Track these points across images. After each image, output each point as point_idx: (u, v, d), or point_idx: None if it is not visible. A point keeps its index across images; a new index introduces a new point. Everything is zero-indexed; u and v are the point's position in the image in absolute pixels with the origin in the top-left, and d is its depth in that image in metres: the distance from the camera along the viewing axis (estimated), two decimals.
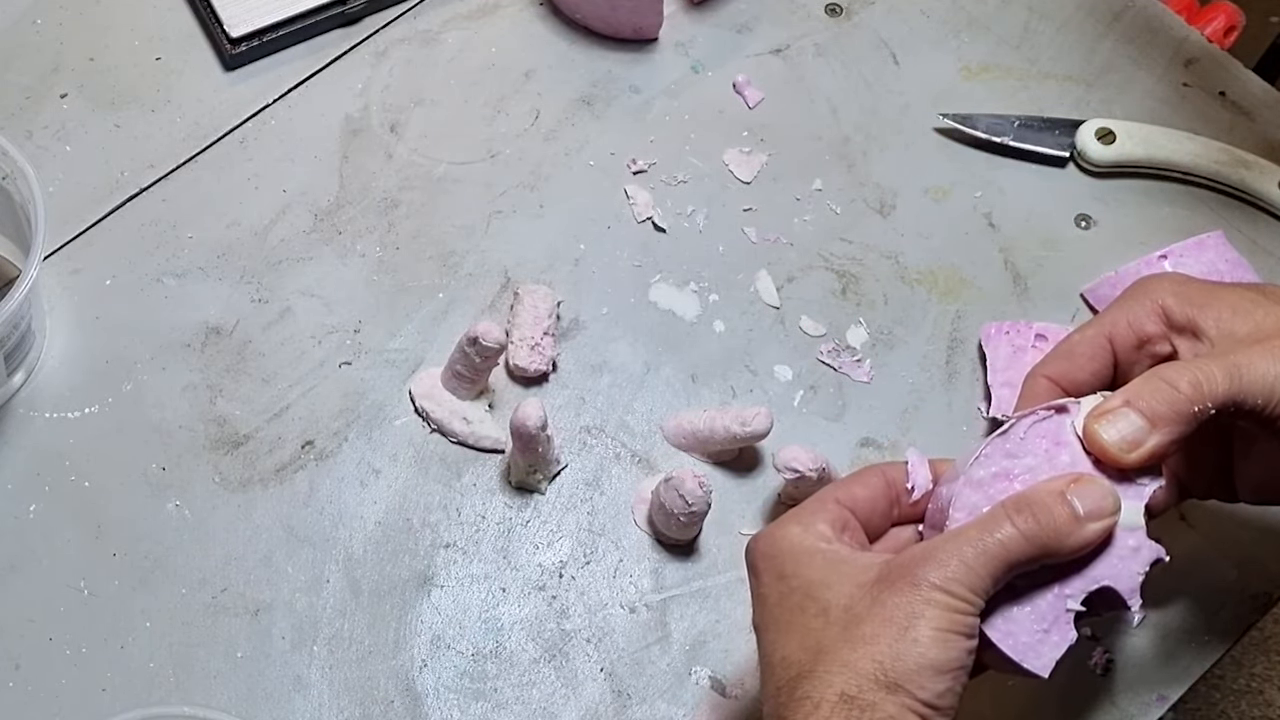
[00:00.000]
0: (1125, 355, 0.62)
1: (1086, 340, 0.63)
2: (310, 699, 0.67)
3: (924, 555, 0.53)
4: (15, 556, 0.70)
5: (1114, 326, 0.62)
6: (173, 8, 0.87)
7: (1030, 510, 0.54)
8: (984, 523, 0.54)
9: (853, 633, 0.52)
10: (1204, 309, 0.60)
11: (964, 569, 0.52)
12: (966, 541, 0.53)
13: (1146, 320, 0.62)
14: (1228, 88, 0.89)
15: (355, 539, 0.71)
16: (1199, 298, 0.61)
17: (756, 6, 0.90)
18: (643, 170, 0.83)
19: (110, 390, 0.75)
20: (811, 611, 0.54)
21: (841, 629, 0.53)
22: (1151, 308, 0.61)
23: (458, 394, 0.74)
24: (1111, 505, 0.55)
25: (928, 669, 0.51)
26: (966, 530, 0.54)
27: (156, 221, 0.80)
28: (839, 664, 0.52)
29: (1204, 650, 0.71)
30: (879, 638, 0.52)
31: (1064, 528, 0.54)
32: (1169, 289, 0.62)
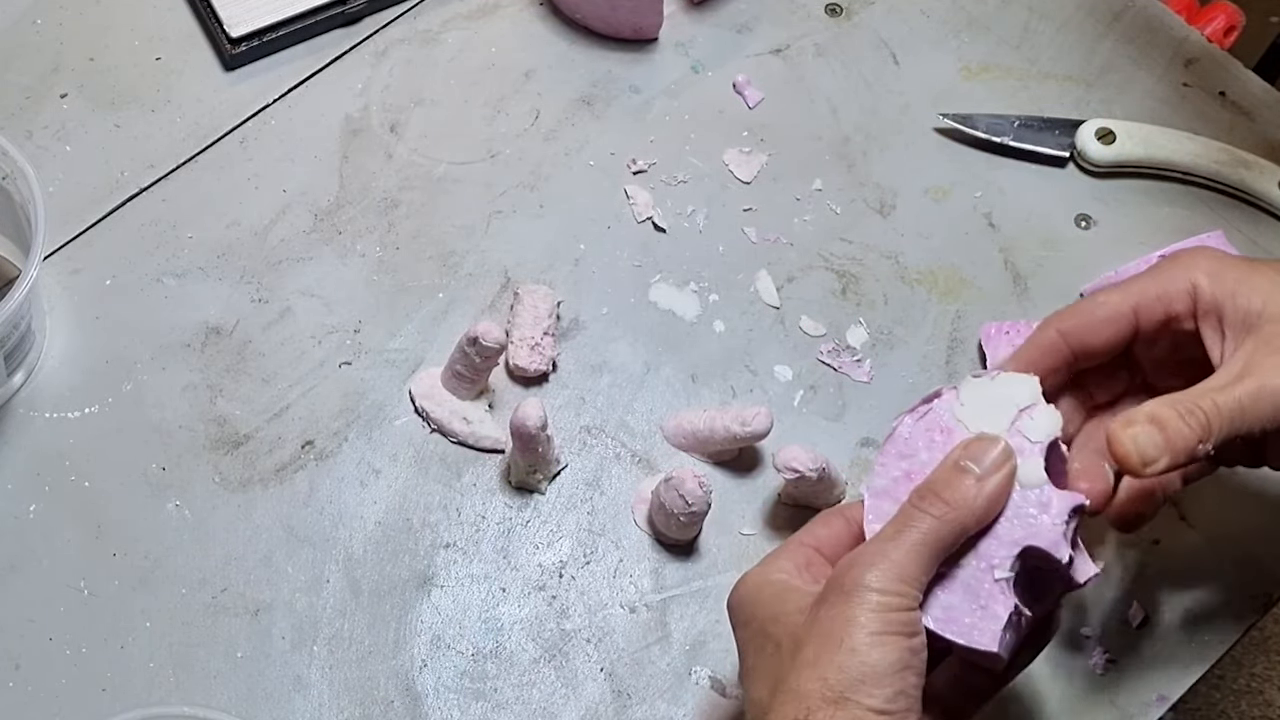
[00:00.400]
0: (1148, 329, 0.61)
1: (1110, 305, 0.61)
2: (310, 699, 0.67)
3: (849, 563, 0.53)
4: (15, 556, 0.70)
5: (1142, 297, 0.61)
6: (173, 8, 0.87)
7: (934, 493, 0.54)
8: (899, 519, 0.54)
9: (798, 658, 0.52)
10: (1234, 295, 0.59)
11: (890, 565, 0.52)
12: (887, 540, 0.53)
13: (1176, 298, 0.60)
14: (1228, 88, 0.89)
15: (355, 539, 0.71)
16: (1232, 280, 0.59)
17: (756, 6, 0.90)
18: (643, 170, 0.83)
19: (110, 390, 0.75)
20: (768, 650, 0.54)
21: (790, 657, 0.52)
22: (1184, 285, 0.60)
23: (458, 394, 0.74)
24: (1003, 454, 0.55)
25: (870, 676, 0.50)
26: (884, 531, 0.54)
27: (156, 221, 0.80)
28: (789, 693, 0.51)
29: (1204, 650, 0.71)
30: (820, 656, 0.51)
31: (969, 494, 0.54)
32: (1204, 266, 0.60)
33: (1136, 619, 0.72)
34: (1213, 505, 0.75)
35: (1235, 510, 0.75)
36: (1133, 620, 0.71)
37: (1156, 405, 0.56)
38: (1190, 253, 0.62)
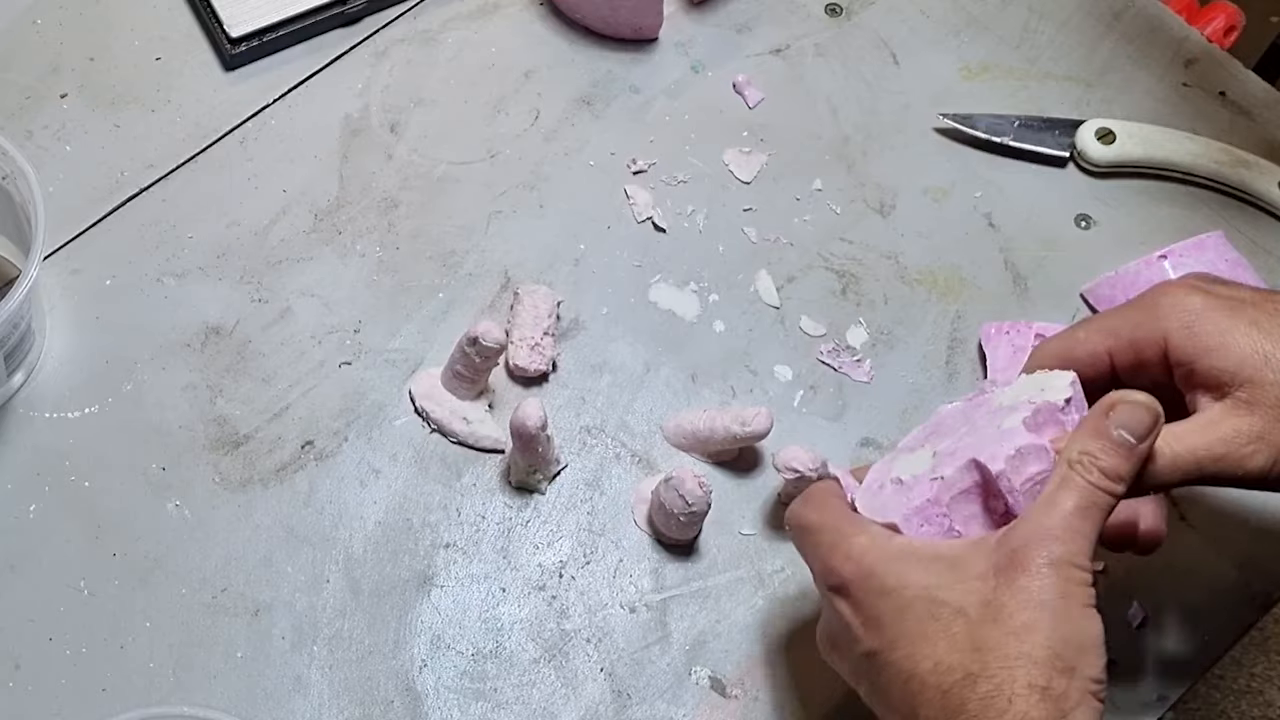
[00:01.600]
0: (1124, 370, 0.62)
1: (1084, 345, 0.62)
2: (310, 699, 0.67)
3: (1039, 534, 0.53)
4: (15, 556, 0.70)
5: (1116, 342, 0.61)
6: (173, 8, 0.87)
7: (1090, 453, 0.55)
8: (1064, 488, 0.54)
9: (1008, 625, 0.52)
10: (1207, 353, 0.58)
11: (1081, 540, 0.53)
12: (1068, 511, 0.54)
13: (1148, 346, 0.60)
14: (1228, 88, 0.89)
15: (355, 539, 0.71)
16: (1204, 336, 0.59)
17: (756, 6, 0.90)
18: (643, 170, 0.83)
19: (110, 390, 0.75)
20: (946, 615, 0.53)
21: (994, 624, 0.52)
22: (1158, 335, 0.60)
23: (458, 394, 0.74)
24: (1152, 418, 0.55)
25: (1090, 647, 0.52)
26: (1057, 499, 0.54)
27: (156, 221, 0.80)
28: (1012, 657, 0.51)
29: (1204, 650, 0.71)
30: (1039, 624, 0.52)
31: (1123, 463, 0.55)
32: (1178, 318, 0.59)
33: (1136, 619, 0.72)
34: (1213, 505, 0.75)
35: (1235, 510, 0.75)
36: (1133, 620, 0.72)
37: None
38: (1170, 296, 0.61)
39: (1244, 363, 0.58)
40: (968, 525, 0.57)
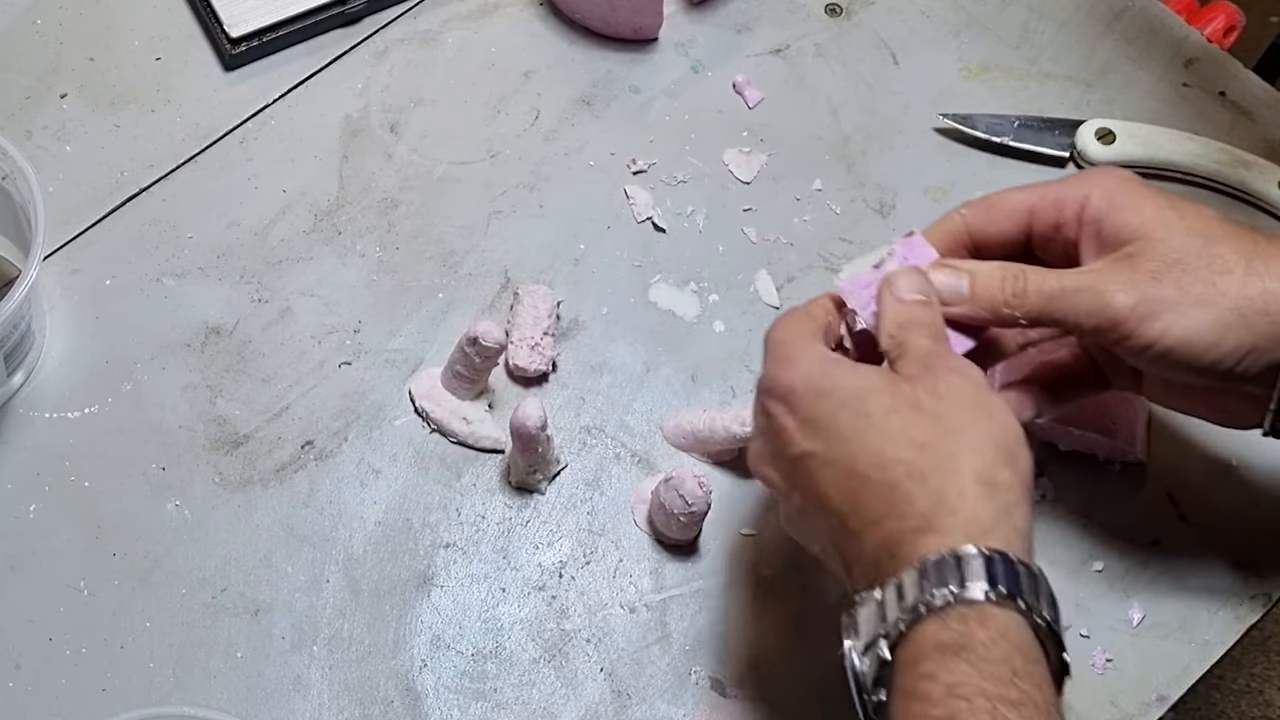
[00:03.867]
0: (1040, 230, 0.63)
1: (1009, 202, 0.64)
2: (310, 699, 0.67)
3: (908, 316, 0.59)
4: (15, 556, 0.70)
5: (1041, 199, 0.63)
6: (173, 8, 0.87)
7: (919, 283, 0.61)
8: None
9: (946, 425, 0.54)
10: (1117, 210, 0.61)
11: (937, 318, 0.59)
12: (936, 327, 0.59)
13: (1069, 205, 0.62)
14: (1228, 88, 0.89)
15: (355, 539, 0.71)
16: (1122, 197, 0.61)
17: (756, 6, 0.90)
18: (643, 170, 0.83)
19: (110, 390, 0.75)
20: (879, 414, 0.55)
21: (935, 426, 0.54)
22: (1080, 194, 0.62)
23: (458, 394, 0.74)
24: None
25: (1021, 440, 0.55)
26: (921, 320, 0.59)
27: (156, 221, 0.80)
28: (957, 454, 0.53)
29: (1204, 650, 0.71)
30: (975, 423, 0.54)
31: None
32: (1104, 183, 0.62)
33: (1136, 619, 0.72)
34: (1213, 505, 0.75)
35: (1235, 510, 0.75)
36: (1133, 620, 0.72)
37: (985, 264, 0.62)
38: (1102, 170, 0.64)
39: (1146, 223, 0.60)
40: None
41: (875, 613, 0.52)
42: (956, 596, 0.50)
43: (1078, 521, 0.74)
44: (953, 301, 0.61)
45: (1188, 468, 0.76)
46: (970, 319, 0.61)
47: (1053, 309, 0.60)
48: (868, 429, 0.55)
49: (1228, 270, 0.59)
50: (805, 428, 0.57)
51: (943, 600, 0.50)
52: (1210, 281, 0.59)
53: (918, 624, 0.51)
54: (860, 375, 0.57)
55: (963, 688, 0.49)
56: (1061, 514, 0.74)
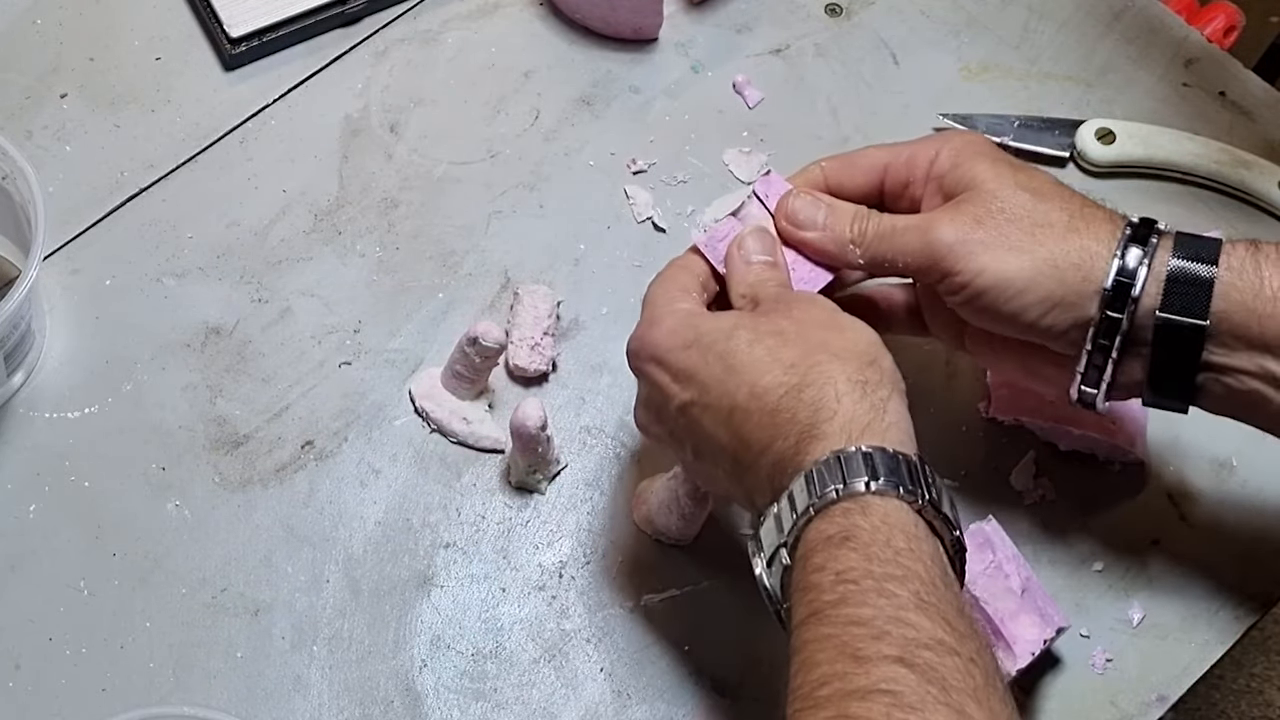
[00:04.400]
0: (892, 186, 0.67)
1: (868, 158, 0.68)
2: (310, 699, 0.67)
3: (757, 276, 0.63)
4: (15, 556, 0.70)
5: (895, 157, 0.67)
6: (173, 8, 0.87)
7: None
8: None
9: (808, 342, 0.58)
10: (958, 166, 0.65)
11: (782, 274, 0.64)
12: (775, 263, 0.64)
13: (919, 164, 0.66)
14: (1228, 88, 0.89)
15: (355, 539, 0.71)
16: (967, 156, 0.65)
17: (756, 6, 0.90)
18: (643, 170, 0.83)
19: (110, 390, 0.75)
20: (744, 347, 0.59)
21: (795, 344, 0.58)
22: (929, 153, 0.66)
23: (458, 394, 0.74)
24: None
25: (877, 341, 0.59)
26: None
27: (156, 221, 0.80)
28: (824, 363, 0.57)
29: (1204, 650, 0.71)
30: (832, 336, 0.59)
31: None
32: (955, 143, 0.66)
33: (1136, 619, 0.72)
34: (1213, 505, 0.75)
35: (1235, 510, 0.75)
36: (1133, 620, 0.72)
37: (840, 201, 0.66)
38: (955, 132, 0.68)
39: (980, 175, 0.64)
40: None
41: (773, 526, 0.55)
42: (840, 493, 0.53)
43: (1078, 521, 0.74)
44: (807, 226, 0.65)
45: (1188, 468, 0.76)
46: (818, 250, 0.66)
47: (884, 247, 0.64)
48: (737, 365, 0.58)
49: (1049, 224, 0.62)
50: (680, 380, 0.60)
51: (827, 499, 0.53)
52: (1030, 232, 0.62)
53: (808, 525, 0.54)
54: (721, 318, 0.61)
55: (850, 572, 0.51)
56: (1061, 514, 0.74)
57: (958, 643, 0.50)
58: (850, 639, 0.50)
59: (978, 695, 0.49)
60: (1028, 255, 0.61)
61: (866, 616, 0.50)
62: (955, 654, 0.49)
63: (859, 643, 0.50)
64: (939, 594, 0.51)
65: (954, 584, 0.53)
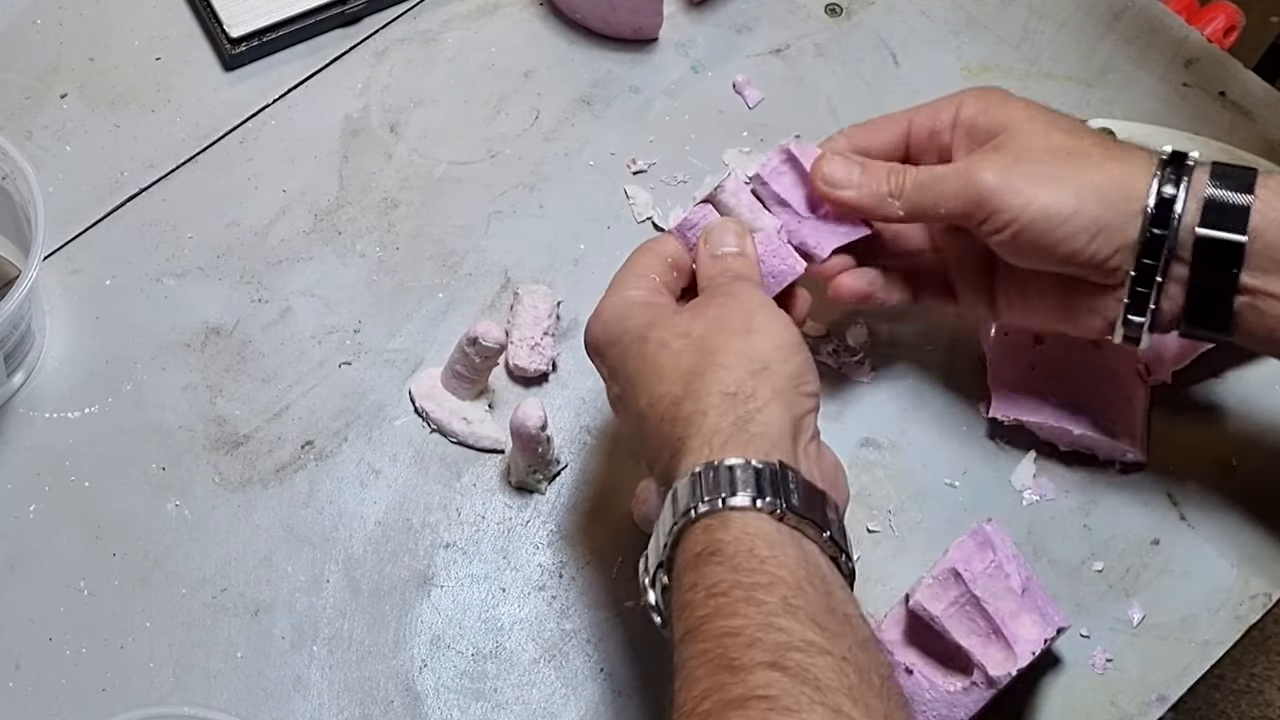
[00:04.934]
0: (918, 138, 0.69)
1: (889, 119, 0.70)
2: (310, 699, 0.67)
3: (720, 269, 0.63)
4: (15, 556, 0.70)
5: (918, 113, 0.69)
6: (173, 8, 0.87)
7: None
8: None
9: (704, 349, 0.58)
10: (987, 111, 0.66)
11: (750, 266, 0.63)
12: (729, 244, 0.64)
13: (944, 112, 0.68)
14: (1228, 88, 0.89)
15: (355, 539, 0.71)
16: (994, 102, 0.67)
17: (756, 6, 0.90)
18: (643, 170, 0.83)
19: (110, 390, 0.75)
20: (652, 351, 0.59)
21: (695, 351, 0.58)
22: (955, 103, 0.68)
23: (458, 394, 0.74)
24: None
25: (784, 346, 0.59)
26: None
27: (156, 221, 0.80)
28: (710, 373, 0.57)
29: (1204, 650, 0.71)
30: (728, 342, 0.58)
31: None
32: (977, 93, 0.68)
33: (1136, 619, 0.72)
34: (1213, 505, 0.75)
35: (1235, 510, 0.75)
36: (1133, 620, 0.72)
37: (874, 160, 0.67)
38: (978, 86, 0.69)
39: (1013, 117, 0.65)
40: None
41: (655, 545, 0.56)
42: (698, 511, 0.54)
43: (1078, 521, 0.74)
44: (843, 185, 0.66)
45: (1188, 468, 0.76)
46: (855, 206, 0.67)
47: (924, 196, 0.65)
48: (644, 368, 0.59)
49: (1087, 154, 0.63)
50: (610, 374, 0.62)
51: (690, 517, 0.54)
52: (1069, 162, 0.63)
53: (676, 545, 0.55)
54: (644, 313, 0.61)
55: (719, 585, 0.52)
56: (1061, 514, 0.74)
57: (829, 642, 0.50)
58: (724, 650, 0.51)
59: (852, 693, 0.49)
60: (1071, 183, 0.62)
61: (738, 626, 0.51)
62: (827, 654, 0.50)
63: (733, 652, 0.50)
64: (806, 596, 0.52)
65: (827, 583, 0.53)
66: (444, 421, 0.74)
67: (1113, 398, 0.73)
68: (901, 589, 0.67)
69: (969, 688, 0.64)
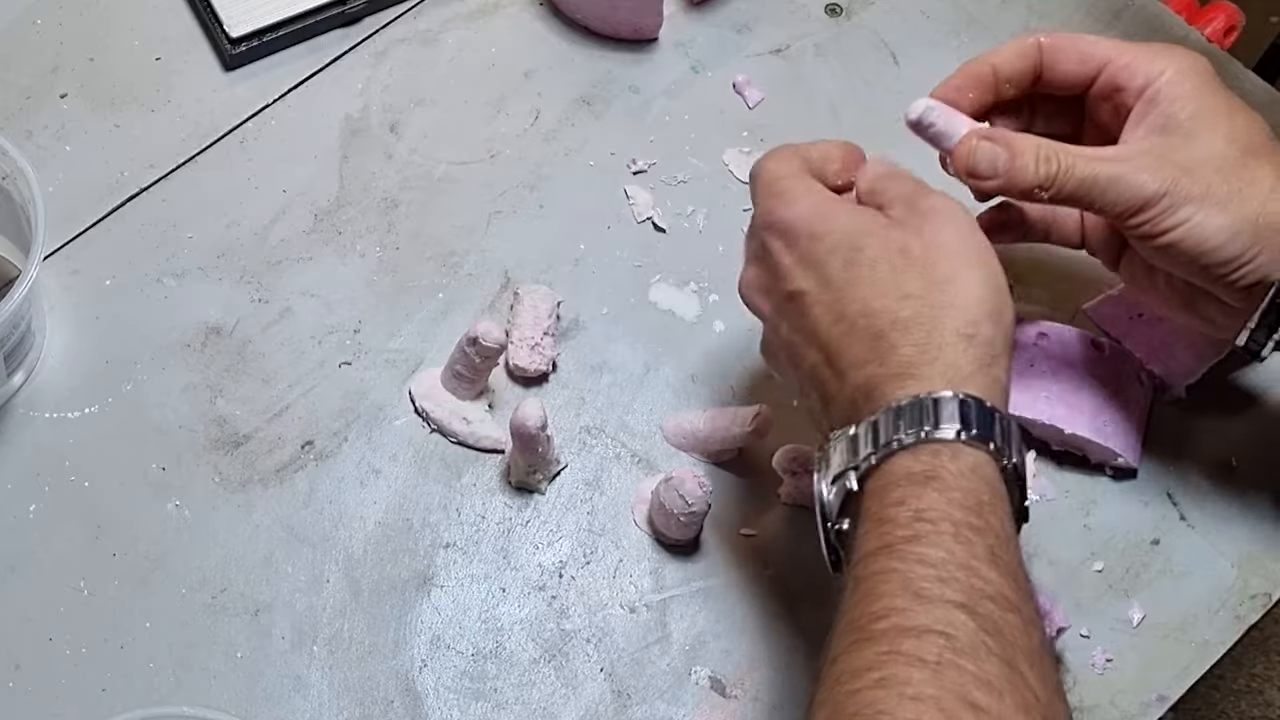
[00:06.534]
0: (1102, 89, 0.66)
1: (1091, 46, 0.66)
2: (310, 699, 0.67)
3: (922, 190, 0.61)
4: (15, 556, 0.70)
5: (1116, 58, 0.65)
6: (173, 8, 0.87)
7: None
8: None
9: (931, 275, 0.57)
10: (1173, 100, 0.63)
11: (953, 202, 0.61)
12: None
13: (1138, 75, 0.64)
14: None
15: (355, 539, 0.71)
16: (1186, 87, 0.63)
17: (756, 6, 0.90)
18: (643, 170, 0.83)
19: (110, 390, 0.75)
20: (867, 261, 0.58)
21: (921, 276, 0.57)
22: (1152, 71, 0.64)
23: (458, 394, 0.74)
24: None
25: (1005, 290, 0.57)
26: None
27: (156, 221, 0.80)
28: (939, 305, 0.56)
29: (1204, 650, 0.71)
30: (959, 274, 0.56)
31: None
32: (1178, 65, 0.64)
33: (1136, 619, 0.72)
34: (1213, 505, 0.75)
35: (1235, 510, 0.75)
36: (1133, 620, 0.72)
37: (1023, 137, 0.63)
38: (1183, 52, 0.65)
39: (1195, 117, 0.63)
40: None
41: (848, 447, 0.55)
42: (928, 435, 0.53)
43: (1078, 521, 0.74)
44: (987, 176, 0.63)
45: (1188, 468, 0.76)
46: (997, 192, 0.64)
47: (1076, 190, 0.62)
48: (857, 276, 0.57)
49: (1255, 181, 0.61)
50: (800, 265, 0.59)
51: (914, 438, 0.53)
52: (1237, 188, 0.61)
53: (889, 458, 0.53)
54: (855, 218, 0.59)
55: (930, 512, 0.51)
56: (1061, 514, 0.74)
57: (1021, 601, 0.50)
58: (917, 577, 0.50)
59: (1031, 656, 0.49)
60: (1231, 212, 0.61)
61: (938, 559, 0.50)
62: (1017, 611, 0.50)
63: (925, 582, 0.50)
64: (1010, 551, 0.52)
65: (1020, 546, 0.53)
66: (444, 421, 0.74)
67: (1110, 402, 0.73)
68: None
69: None
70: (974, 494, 0.52)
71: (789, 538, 0.73)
